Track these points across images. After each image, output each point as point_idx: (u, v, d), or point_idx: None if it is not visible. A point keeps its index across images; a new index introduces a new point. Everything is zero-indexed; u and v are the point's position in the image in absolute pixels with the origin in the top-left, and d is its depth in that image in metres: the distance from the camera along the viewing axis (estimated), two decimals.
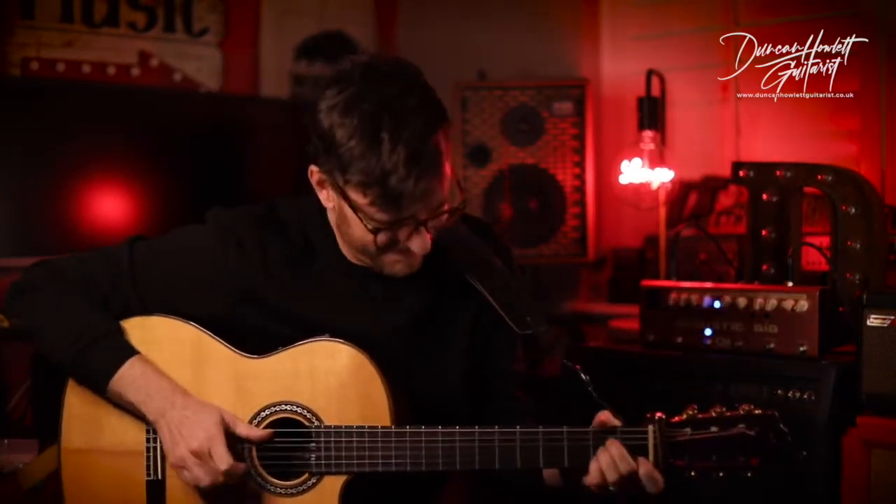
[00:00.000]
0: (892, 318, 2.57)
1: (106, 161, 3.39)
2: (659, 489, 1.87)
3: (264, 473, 2.04)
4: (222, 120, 3.81)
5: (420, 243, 1.94)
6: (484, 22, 4.16)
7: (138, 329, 2.07)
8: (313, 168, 1.97)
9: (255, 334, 2.06)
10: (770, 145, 3.56)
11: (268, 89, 4.08)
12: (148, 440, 2.07)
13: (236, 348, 2.06)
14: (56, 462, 2.11)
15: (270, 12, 4.08)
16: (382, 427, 1.98)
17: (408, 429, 1.97)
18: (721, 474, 1.88)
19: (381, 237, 1.93)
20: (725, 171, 3.34)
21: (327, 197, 2.00)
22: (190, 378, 2.05)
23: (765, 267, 2.98)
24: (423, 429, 1.96)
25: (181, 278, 2.09)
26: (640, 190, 3.51)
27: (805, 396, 2.70)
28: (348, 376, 1.99)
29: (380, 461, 1.97)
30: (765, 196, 2.98)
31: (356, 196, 1.90)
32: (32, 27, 3.48)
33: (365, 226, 1.92)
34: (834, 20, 3.32)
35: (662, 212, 3.51)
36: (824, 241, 3.01)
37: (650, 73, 3.50)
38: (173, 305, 2.09)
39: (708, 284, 2.97)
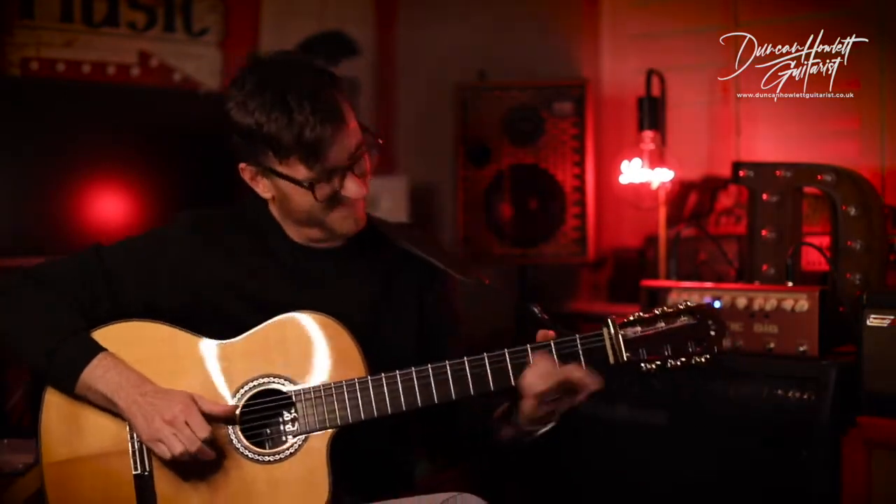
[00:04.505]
0: (892, 318, 2.57)
1: (105, 161, 3.39)
2: (598, 388, 2.02)
3: (250, 445, 2.08)
4: (222, 120, 3.80)
5: (353, 187, 2.10)
6: (484, 22, 4.15)
7: (105, 336, 2.12)
8: (242, 166, 2.15)
9: (226, 320, 2.14)
10: (770, 145, 3.55)
11: None
12: (131, 437, 2.09)
13: (208, 336, 2.12)
14: (39, 480, 2.11)
15: (270, 12, 4.07)
16: (359, 378, 2.07)
17: (383, 375, 2.06)
18: (674, 364, 2.03)
19: (320, 191, 2.08)
20: (725, 171, 3.34)
21: (264, 188, 2.16)
22: (166, 372, 2.09)
23: (765, 267, 2.97)
24: (396, 372, 2.06)
25: (153, 269, 2.18)
26: (640, 190, 3.51)
27: (805, 396, 2.70)
28: (318, 339, 2.09)
29: (361, 409, 2.06)
30: (765, 196, 2.98)
31: (285, 168, 2.08)
32: (32, 27, 3.47)
33: (303, 187, 2.08)
34: (834, 20, 3.31)
35: (662, 212, 3.51)
36: (824, 241, 3.01)
37: (650, 73, 3.50)
38: (145, 297, 2.17)
39: (708, 284, 2.97)
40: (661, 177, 3.47)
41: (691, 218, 3.66)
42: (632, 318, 2.05)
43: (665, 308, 2.06)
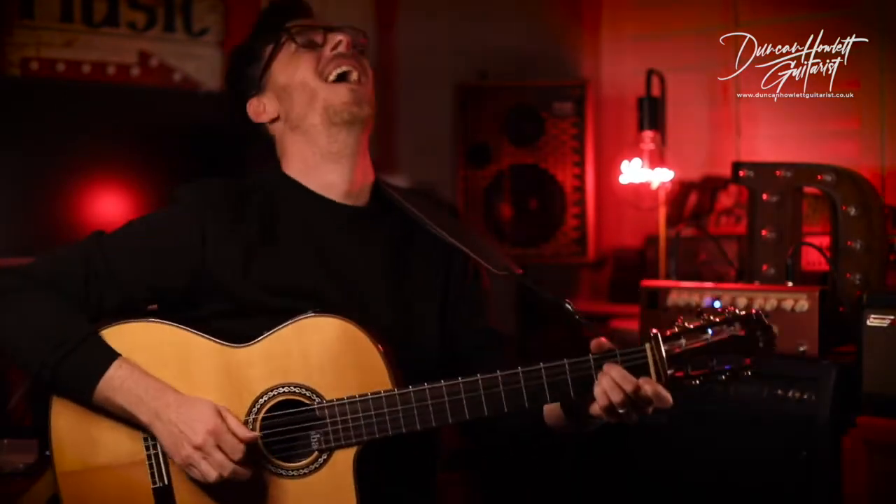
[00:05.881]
0: (892, 318, 2.57)
1: (105, 161, 3.38)
2: (668, 404, 1.87)
3: (273, 459, 1.99)
4: (222, 120, 3.80)
5: (339, 44, 2.13)
6: (484, 22, 4.16)
7: (115, 337, 2.00)
8: (251, 102, 2.19)
9: (236, 302, 2.02)
10: (770, 145, 3.56)
11: None
12: (147, 447, 2.01)
13: (222, 339, 2.00)
14: (54, 486, 2.04)
15: None
16: (386, 391, 1.95)
17: (411, 388, 1.94)
18: (722, 378, 1.90)
19: (322, 49, 2.13)
20: (725, 171, 3.34)
21: (271, 108, 2.17)
22: (176, 377, 1.98)
23: (765, 267, 2.98)
24: (426, 386, 1.93)
25: (157, 251, 2.05)
26: (640, 190, 3.51)
27: (805, 396, 2.70)
28: (340, 348, 1.97)
29: (388, 425, 1.94)
30: (765, 196, 2.98)
31: (284, 62, 2.15)
32: (32, 27, 3.47)
33: (301, 59, 2.13)
34: (834, 20, 3.32)
35: (662, 212, 3.51)
36: (824, 241, 3.01)
37: (650, 73, 3.50)
38: (150, 281, 2.04)
39: (708, 284, 2.97)
40: (661, 177, 3.47)
41: (691, 218, 3.66)
42: (676, 329, 1.89)
43: (712, 317, 1.90)
